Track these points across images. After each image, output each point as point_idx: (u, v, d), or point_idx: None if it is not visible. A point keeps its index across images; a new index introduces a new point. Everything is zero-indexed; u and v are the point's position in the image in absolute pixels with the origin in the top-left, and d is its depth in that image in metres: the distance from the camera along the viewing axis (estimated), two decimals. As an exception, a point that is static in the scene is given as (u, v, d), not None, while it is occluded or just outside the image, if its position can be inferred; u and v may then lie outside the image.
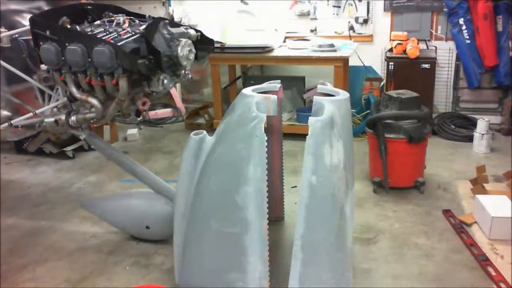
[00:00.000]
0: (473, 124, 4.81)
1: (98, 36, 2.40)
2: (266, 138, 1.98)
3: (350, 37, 5.37)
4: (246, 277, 2.04)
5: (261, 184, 1.99)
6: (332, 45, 4.68)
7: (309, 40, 5.05)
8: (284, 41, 5.24)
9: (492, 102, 5.21)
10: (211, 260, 2.16)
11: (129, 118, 2.79)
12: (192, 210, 2.23)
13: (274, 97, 2.17)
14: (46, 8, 3.02)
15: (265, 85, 2.56)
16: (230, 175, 2.06)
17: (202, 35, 2.69)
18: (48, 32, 2.42)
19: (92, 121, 2.68)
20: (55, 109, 2.81)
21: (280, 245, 2.90)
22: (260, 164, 1.98)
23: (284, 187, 3.16)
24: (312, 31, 5.54)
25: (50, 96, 2.87)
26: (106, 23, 2.59)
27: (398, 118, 3.49)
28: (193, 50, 2.52)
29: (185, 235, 2.27)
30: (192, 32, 2.61)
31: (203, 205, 2.18)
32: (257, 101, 2.14)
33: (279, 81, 2.65)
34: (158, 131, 5.55)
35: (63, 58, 2.41)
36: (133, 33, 2.47)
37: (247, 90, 2.31)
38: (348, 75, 5.23)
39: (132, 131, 5.28)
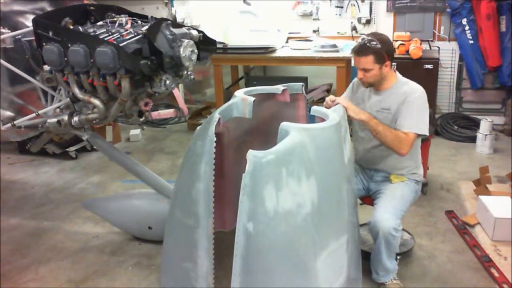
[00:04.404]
0: (476, 124, 4.80)
1: (101, 37, 2.41)
2: (215, 138, 2.00)
3: (352, 37, 5.36)
4: (197, 268, 2.11)
5: (208, 182, 2.02)
6: (334, 46, 4.68)
7: (311, 40, 5.05)
8: (287, 42, 5.24)
9: (495, 102, 5.19)
10: (174, 246, 2.27)
11: (131, 119, 2.80)
12: (171, 200, 2.38)
13: (251, 99, 2.12)
14: (49, 9, 3.02)
15: (268, 88, 2.54)
16: (190, 169, 2.12)
17: (205, 35, 2.69)
18: (51, 33, 2.43)
19: (94, 121, 2.68)
20: (57, 110, 2.81)
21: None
22: (209, 163, 2.00)
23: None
24: (314, 31, 5.53)
25: (53, 97, 2.87)
26: (109, 24, 2.59)
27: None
28: (196, 50, 2.52)
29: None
30: (194, 32, 2.61)
31: (174, 194, 2.31)
32: (235, 102, 2.17)
33: (294, 84, 2.51)
34: (160, 131, 5.56)
35: (66, 58, 2.42)
36: (135, 34, 2.47)
37: (238, 92, 2.29)
38: (351, 75, 5.23)
39: (135, 132, 5.29)
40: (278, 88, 2.40)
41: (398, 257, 2.68)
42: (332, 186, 1.88)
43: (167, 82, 2.45)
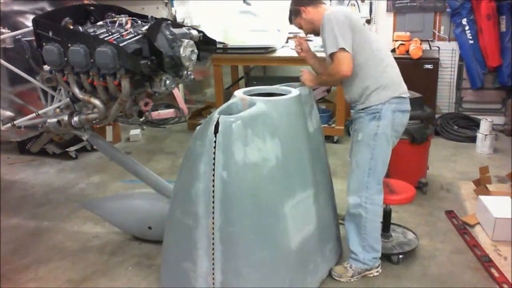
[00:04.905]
0: (476, 124, 4.80)
1: (101, 37, 2.41)
2: (214, 138, 2.03)
3: (352, 37, 5.36)
4: (196, 268, 2.16)
5: (208, 182, 2.05)
6: (334, 46, 4.67)
7: (311, 40, 5.04)
8: (287, 42, 5.24)
9: (495, 102, 5.19)
10: (174, 246, 2.31)
11: (131, 119, 2.80)
12: (171, 200, 2.41)
13: (251, 99, 2.22)
14: (49, 9, 3.03)
15: (267, 87, 2.56)
16: (189, 169, 2.15)
17: (205, 35, 2.69)
18: (51, 33, 2.43)
19: (94, 121, 2.68)
20: (57, 110, 2.81)
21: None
22: (209, 163, 2.04)
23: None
24: (314, 31, 5.52)
25: (53, 97, 2.88)
26: (109, 24, 2.59)
27: (401, 118, 3.48)
28: (196, 50, 2.52)
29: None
30: (194, 32, 2.62)
31: (174, 194, 2.33)
32: (234, 102, 2.25)
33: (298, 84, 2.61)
34: (160, 131, 5.56)
35: (66, 59, 2.42)
36: (135, 33, 2.47)
37: (238, 92, 2.38)
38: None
39: (135, 132, 5.29)
40: (278, 87, 2.47)
41: (401, 256, 2.69)
42: (294, 147, 2.26)
43: (167, 82, 2.45)
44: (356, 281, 2.54)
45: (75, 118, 2.68)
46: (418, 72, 4.77)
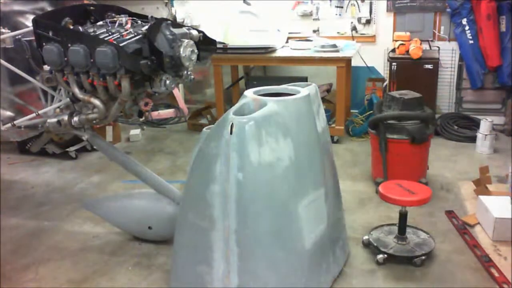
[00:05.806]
0: (476, 124, 4.80)
1: (101, 37, 2.41)
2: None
3: (352, 37, 5.37)
4: (212, 271, 2.13)
5: (224, 183, 2.03)
6: (334, 46, 4.68)
7: (311, 40, 5.05)
8: (287, 42, 5.24)
9: (495, 102, 5.19)
10: (186, 250, 2.28)
11: (131, 119, 2.80)
12: (181, 202, 2.39)
13: (264, 100, 2.21)
14: (49, 9, 3.03)
15: (276, 87, 2.54)
16: (203, 171, 2.13)
17: (205, 35, 2.70)
18: (51, 33, 2.43)
19: (94, 121, 2.68)
20: (58, 110, 2.82)
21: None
22: (225, 164, 2.02)
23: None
24: (314, 31, 5.53)
25: (53, 97, 2.88)
26: (109, 24, 2.59)
27: (401, 118, 3.48)
28: (196, 50, 2.53)
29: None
30: (194, 32, 2.62)
31: (185, 196, 2.31)
32: (246, 102, 2.23)
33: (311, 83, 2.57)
34: (160, 131, 5.56)
35: (66, 58, 2.42)
36: (135, 34, 2.47)
37: (248, 92, 2.36)
38: (351, 75, 5.23)
39: (135, 132, 5.29)
40: (285, 87, 2.48)
41: (423, 258, 2.66)
42: (306, 146, 2.25)
43: (167, 82, 2.45)
44: (357, 282, 2.54)
45: (75, 118, 2.68)
46: (418, 72, 4.77)
